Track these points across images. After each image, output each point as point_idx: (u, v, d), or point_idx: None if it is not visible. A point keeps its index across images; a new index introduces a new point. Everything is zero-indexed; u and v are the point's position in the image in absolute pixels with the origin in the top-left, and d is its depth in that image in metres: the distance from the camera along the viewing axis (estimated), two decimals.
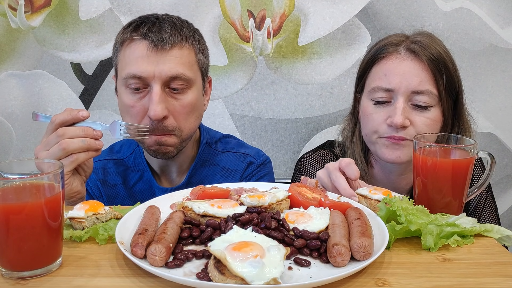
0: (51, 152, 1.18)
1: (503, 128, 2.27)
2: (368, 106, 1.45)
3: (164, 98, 1.34)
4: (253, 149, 1.66)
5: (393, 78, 1.38)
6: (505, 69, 2.20)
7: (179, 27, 1.37)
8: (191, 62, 1.38)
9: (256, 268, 0.75)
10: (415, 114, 1.39)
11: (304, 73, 2.19)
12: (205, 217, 0.99)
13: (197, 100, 1.41)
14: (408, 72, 1.37)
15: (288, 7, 2.12)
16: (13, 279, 0.83)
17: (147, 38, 1.32)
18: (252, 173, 1.58)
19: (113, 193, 1.55)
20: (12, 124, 2.25)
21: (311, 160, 1.65)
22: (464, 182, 1.13)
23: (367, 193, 1.14)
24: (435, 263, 0.91)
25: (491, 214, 1.57)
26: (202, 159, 1.56)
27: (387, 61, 1.41)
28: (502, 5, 2.14)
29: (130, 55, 1.35)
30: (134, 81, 1.33)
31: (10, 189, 0.84)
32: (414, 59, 1.38)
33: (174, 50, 1.34)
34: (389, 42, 1.44)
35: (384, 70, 1.41)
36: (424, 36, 1.43)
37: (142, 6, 2.09)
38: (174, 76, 1.33)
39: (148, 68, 1.31)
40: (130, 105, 1.37)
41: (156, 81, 1.32)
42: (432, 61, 1.37)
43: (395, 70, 1.39)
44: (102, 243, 0.96)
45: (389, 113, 1.39)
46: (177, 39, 1.34)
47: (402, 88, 1.37)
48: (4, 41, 2.16)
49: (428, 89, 1.37)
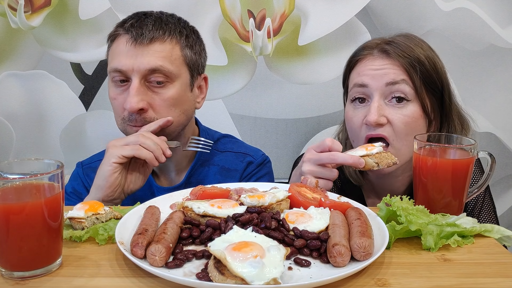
0: (127, 139, 1.28)
1: (503, 128, 2.27)
2: (349, 110, 1.47)
3: (143, 91, 1.36)
4: (252, 148, 1.66)
5: (366, 75, 1.40)
6: (505, 69, 2.20)
7: (164, 22, 1.39)
8: (174, 57, 1.39)
9: (256, 268, 0.75)
10: (392, 111, 1.38)
11: (304, 73, 2.19)
12: (205, 217, 0.99)
13: (180, 95, 1.41)
14: (380, 68, 1.39)
15: (288, 7, 2.12)
16: (13, 279, 0.83)
17: (129, 32, 1.36)
18: (252, 173, 1.58)
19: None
20: (12, 124, 2.25)
21: None
22: (464, 182, 1.13)
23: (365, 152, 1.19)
24: (435, 263, 0.91)
25: (489, 214, 1.57)
26: (202, 159, 1.56)
27: (361, 62, 1.44)
28: (502, 5, 2.14)
29: (114, 49, 1.40)
30: (116, 74, 1.38)
31: (10, 189, 0.84)
32: (385, 58, 1.40)
33: (155, 44, 1.36)
34: (365, 46, 1.47)
35: (358, 71, 1.44)
36: (400, 37, 1.44)
37: (142, 6, 2.09)
38: (152, 69, 1.35)
39: (127, 61, 1.35)
40: (113, 97, 1.42)
41: (135, 74, 1.35)
42: (404, 58, 1.38)
43: (369, 68, 1.41)
44: (102, 243, 0.96)
45: (365, 113, 1.40)
46: (158, 34, 1.37)
47: (376, 83, 1.38)
48: (4, 41, 2.16)
49: (403, 79, 1.37)
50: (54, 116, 2.24)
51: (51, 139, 2.26)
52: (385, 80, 1.37)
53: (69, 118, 2.24)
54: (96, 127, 2.25)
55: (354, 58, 1.47)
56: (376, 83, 1.38)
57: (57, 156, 2.25)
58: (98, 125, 2.25)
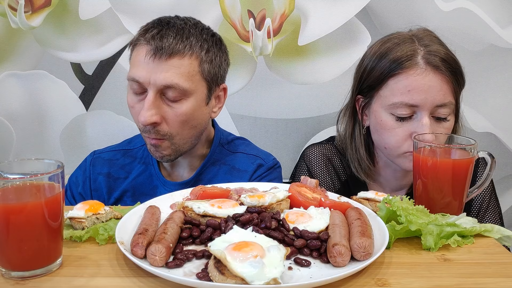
0: None
1: (503, 128, 2.27)
2: (388, 120, 1.42)
3: (158, 105, 1.36)
4: (264, 152, 1.67)
5: (417, 94, 1.35)
6: (505, 69, 2.20)
7: (186, 35, 1.36)
8: (191, 73, 1.37)
9: (256, 268, 0.75)
10: (436, 126, 1.39)
11: (304, 73, 2.19)
12: (205, 217, 0.99)
13: (194, 111, 1.40)
14: (432, 87, 1.35)
15: (288, 7, 2.12)
16: (13, 279, 0.83)
17: (149, 44, 1.34)
18: (262, 176, 1.58)
19: (115, 185, 1.57)
20: (12, 124, 2.25)
21: (315, 152, 1.67)
22: (464, 182, 1.13)
23: (373, 196, 1.14)
24: (435, 263, 0.91)
25: (494, 215, 1.58)
26: (213, 157, 1.58)
27: (408, 76, 1.37)
28: (502, 5, 2.14)
29: (134, 57, 1.38)
30: (134, 83, 1.37)
31: (10, 189, 0.84)
32: (436, 72, 1.36)
33: (173, 59, 1.33)
34: (404, 55, 1.39)
35: (406, 86, 1.37)
36: (435, 44, 1.41)
37: (142, 6, 2.09)
38: (168, 86, 1.34)
39: (144, 74, 1.33)
40: (131, 105, 1.42)
41: (151, 87, 1.34)
42: (451, 72, 1.37)
43: (419, 86, 1.35)
44: (102, 243, 0.96)
45: (414, 129, 1.37)
46: (178, 48, 1.34)
47: (427, 104, 1.35)
48: (4, 41, 2.16)
49: (450, 101, 1.37)
50: (54, 116, 2.24)
51: (51, 139, 2.26)
52: (436, 102, 1.35)
53: (69, 118, 2.24)
54: (96, 127, 2.25)
55: (396, 68, 1.39)
56: (428, 103, 1.35)
57: (57, 156, 2.25)
58: (98, 125, 2.25)
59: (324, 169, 1.63)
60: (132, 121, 2.22)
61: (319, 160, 1.64)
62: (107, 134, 2.24)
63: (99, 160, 1.60)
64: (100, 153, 1.64)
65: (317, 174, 1.63)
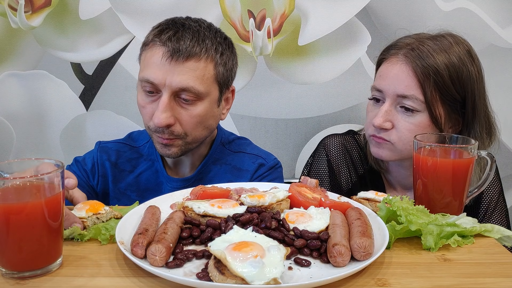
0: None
1: (503, 128, 2.26)
2: (369, 104, 1.50)
3: (172, 106, 1.36)
4: (265, 152, 1.67)
5: (383, 80, 1.42)
6: (505, 69, 2.20)
7: (202, 38, 1.36)
8: (206, 76, 1.37)
9: (256, 268, 0.75)
10: (400, 117, 1.40)
11: (304, 73, 2.19)
12: (205, 217, 0.99)
13: (207, 112, 1.41)
14: (398, 76, 1.39)
15: (288, 7, 2.12)
16: (13, 279, 0.83)
17: (166, 45, 1.33)
18: (263, 175, 1.59)
19: (120, 177, 1.57)
20: (12, 124, 2.25)
21: (336, 141, 1.69)
22: (465, 182, 1.13)
23: (373, 196, 1.14)
24: (435, 263, 0.91)
25: (501, 216, 1.57)
26: (214, 156, 1.58)
27: (386, 63, 1.45)
28: (502, 5, 2.14)
29: (148, 58, 1.37)
30: (148, 85, 1.36)
31: (10, 189, 0.84)
32: (407, 65, 1.38)
33: (190, 62, 1.33)
34: (395, 44, 1.46)
35: (380, 71, 1.46)
36: (435, 42, 1.40)
37: (142, 6, 2.09)
38: (183, 88, 1.33)
39: (160, 75, 1.33)
40: (141, 105, 1.41)
41: (166, 89, 1.34)
42: (420, 68, 1.36)
43: (387, 73, 1.42)
44: (105, 243, 0.97)
45: (376, 113, 1.43)
46: (195, 51, 1.33)
47: (389, 91, 1.40)
48: (4, 41, 2.16)
49: (413, 94, 1.37)
50: (54, 116, 2.24)
51: (51, 139, 2.26)
52: (397, 91, 1.38)
53: (69, 118, 2.24)
54: (96, 127, 2.25)
55: (383, 55, 1.48)
56: (390, 90, 1.39)
57: (57, 156, 2.25)
58: (98, 125, 2.25)
59: (342, 159, 1.65)
60: (132, 121, 2.23)
61: (339, 150, 1.66)
62: (107, 134, 2.24)
63: (106, 149, 1.61)
64: (106, 143, 1.64)
65: (336, 163, 1.65)
